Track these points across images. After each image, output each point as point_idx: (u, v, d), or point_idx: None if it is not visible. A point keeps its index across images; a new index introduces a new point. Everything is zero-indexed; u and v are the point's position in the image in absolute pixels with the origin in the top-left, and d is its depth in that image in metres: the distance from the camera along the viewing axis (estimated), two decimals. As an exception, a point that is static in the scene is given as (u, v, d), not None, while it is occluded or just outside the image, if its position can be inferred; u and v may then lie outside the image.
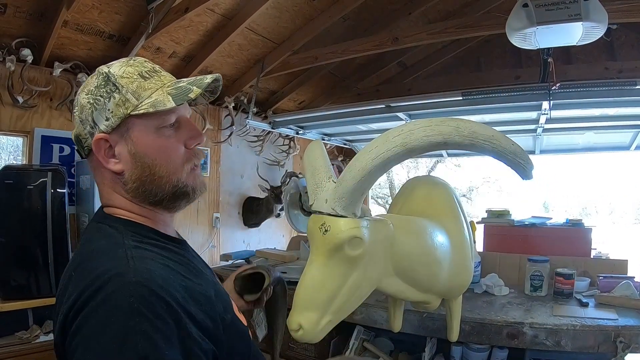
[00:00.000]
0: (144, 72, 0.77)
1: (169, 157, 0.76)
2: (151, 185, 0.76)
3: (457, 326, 1.41)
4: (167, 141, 0.76)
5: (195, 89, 0.76)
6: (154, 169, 0.75)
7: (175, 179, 0.77)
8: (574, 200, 15.63)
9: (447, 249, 1.11)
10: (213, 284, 0.79)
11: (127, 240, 0.70)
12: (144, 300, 0.60)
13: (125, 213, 0.77)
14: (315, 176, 0.93)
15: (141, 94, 0.74)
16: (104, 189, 0.79)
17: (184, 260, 0.77)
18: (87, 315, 0.59)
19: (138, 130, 0.74)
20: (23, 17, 2.33)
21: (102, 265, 0.65)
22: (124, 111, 0.73)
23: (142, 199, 0.77)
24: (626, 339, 1.39)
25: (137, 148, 0.74)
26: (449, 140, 0.76)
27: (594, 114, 2.67)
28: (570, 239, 2.25)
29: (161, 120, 0.75)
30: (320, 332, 0.87)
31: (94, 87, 0.75)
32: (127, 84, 0.74)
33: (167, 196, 0.77)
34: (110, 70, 0.75)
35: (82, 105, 0.76)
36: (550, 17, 1.69)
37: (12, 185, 1.99)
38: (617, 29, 2.88)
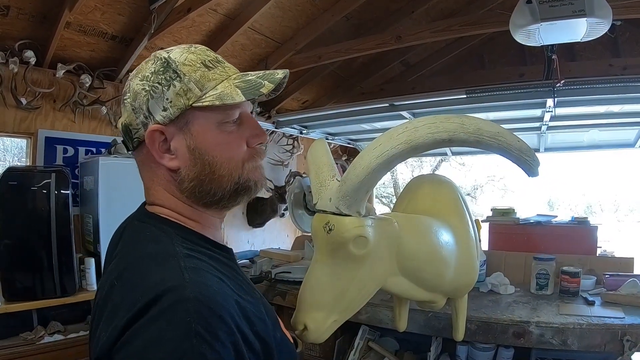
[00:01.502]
0: (207, 61, 0.70)
1: (231, 155, 0.70)
2: (210, 185, 0.69)
3: (463, 325, 1.40)
4: (228, 137, 0.70)
5: (267, 84, 0.70)
6: (214, 167, 0.68)
7: (236, 176, 0.71)
8: (579, 198, 15.56)
9: (453, 247, 1.10)
10: (261, 298, 0.72)
11: (178, 247, 0.63)
12: (202, 320, 0.53)
13: (173, 214, 0.70)
14: (319, 175, 0.92)
15: (205, 85, 0.67)
16: (153, 186, 0.72)
17: (233, 272, 0.70)
18: (137, 331, 0.53)
19: (199, 123, 0.67)
20: (26, 19, 2.33)
21: (154, 276, 0.58)
22: (185, 102, 0.66)
23: (197, 199, 0.70)
24: (633, 337, 1.38)
25: (197, 143, 0.67)
26: (454, 137, 0.75)
27: (598, 111, 2.66)
28: (575, 237, 2.24)
29: (225, 114, 0.69)
30: (325, 332, 0.86)
31: (151, 73, 0.67)
32: (189, 72, 0.67)
33: (227, 195, 0.71)
34: (171, 56, 0.68)
35: (136, 92, 0.68)
36: (554, 14, 1.68)
37: (16, 187, 2.00)
38: (622, 25, 2.85)
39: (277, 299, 1.92)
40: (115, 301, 0.58)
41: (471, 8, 3.40)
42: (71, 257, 2.13)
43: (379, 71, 4.21)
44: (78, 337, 2.10)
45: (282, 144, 4.37)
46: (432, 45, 3.91)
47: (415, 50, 3.94)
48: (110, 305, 0.58)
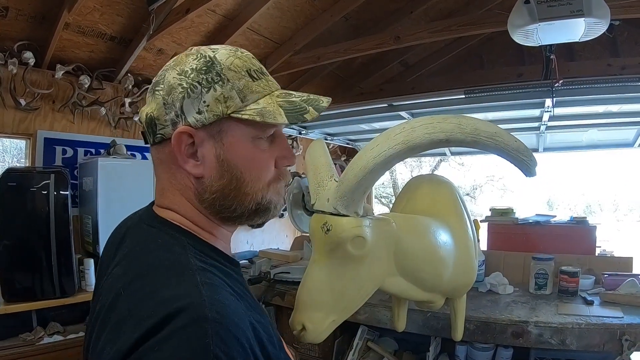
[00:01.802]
0: (252, 71, 0.66)
1: (259, 173, 0.67)
2: (233, 201, 0.66)
3: (462, 325, 1.40)
4: (260, 154, 0.67)
5: (312, 111, 0.66)
6: (241, 183, 0.65)
7: (260, 196, 0.67)
8: (578, 198, 15.57)
9: (451, 247, 1.11)
10: (267, 317, 0.67)
11: (192, 259, 0.59)
12: (222, 343, 0.49)
13: (186, 222, 0.66)
14: (317, 175, 0.92)
15: (247, 96, 0.63)
16: (169, 189, 0.67)
17: (243, 289, 0.66)
18: (148, 351, 0.48)
19: (233, 135, 0.64)
20: (25, 20, 2.34)
21: (168, 289, 0.53)
22: (224, 109, 0.62)
23: (215, 212, 0.67)
24: (632, 337, 1.38)
25: (227, 155, 0.63)
26: (451, 138, 0.75)
27: (597, 111, 2.66)
28: (574, 237, 2.24)
29: (260, 131, 0.66)
30: (324, 332, 0.86)
31: (191, 70, 0.63)
32: (233, 78, 0.63)
33: (246, 214, 0.68)
34: (217, 57, 0.64)
35: (172, 86, 0.63)
36: (552, 14, 1.68)
37: (15, 188, 2.00)
38: (620, 25, 2.85)
39: (276, 299, 1.92)
40: (122, 313, 0.54)
41: (470, 8, 3.41)
42: (70, 258, 2.14)
43: (378, 71, 4.21)
44: (77, 337, 2.10)
45: (282, 144, 4.36)
46: (431, 45, 3.91)
47: (414, 50, 3.94)
48: (116, 316, 0.54)
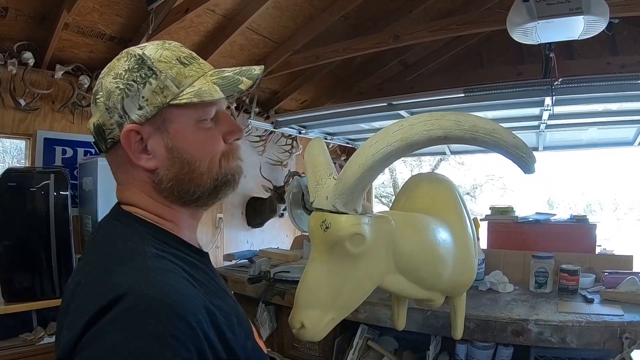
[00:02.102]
0: (182, 58, 0.68)
1: (209, 153, 0.69)
2: (189, 185, 0.68)
3: (462, 324, 1.41)
4: (207, 135, 0.69)
5: (246, 80, 0.68)
6: (193, 166, 0.67)
7: (215, 173, 0.69)
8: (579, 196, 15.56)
9: (450, 246, 1.11)
10: (234, 306, 0.69)
11: (148, 247, 0.61)
12: (166, 322, 0.51)
13: (148, 215, 0.68)
14: (315, 173, 0.92)
15: (182, 82, 0.65)
16: (128, 187, 0.69)
17: (207, 277, 0.67)
18: (96, 334, 0.50)
19: (177, 122, 0.66)
20: (24, 21, 2.34)
21: (118, 276, 0.55)
22: (162, 100, 0.64)
23: (176, 199, 0.69)
24: (632, 335, 1.38)
25: (175, 142, 0.66)
26: (450, 135, 0.75)
27: (597, 110, 2.66)
28: (574, 235, 2.23)
29: (202, 112, 0.67)
30: (323, 330, 0.86)
31: (124, 71, 0.65)
32: (165, 69, 0.65)
33: (207, 193, 0.70)
34: (145, 53, 0.66)
35: (110, 91, 0.65)
36: (551, 12, 1.68)
37: (15, 188, 2.00)
38: (619, 24, 2.85)
39: (276, 298, 1.93)
40: (79, 301, 0.56)
41: (469, 7, 3.40)
42: (70, 257, 2.14)
43: (377, 71, 4.21)
44: (77, 337, 2.10)
45: (281, 144, 4.37)
46: (430, 44, 3.91)
47: (414, 49, 3.94)
48: (74, 304, 0.57)
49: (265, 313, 2.01)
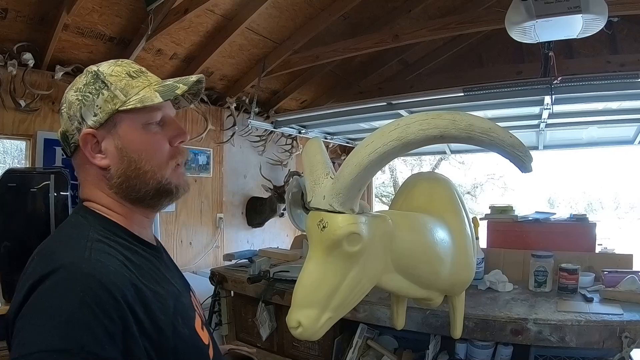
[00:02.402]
0: (131, 72, 0.79)
1: (155, 153, 0.78)
2: (135, 181, 0.77)
3: (461, 323, 1.40)
4: (153, 137, 0.78)
5: (182, 86, 0.79)
6: (140, 164, 0.76)
7: (159, 176, 0.79)
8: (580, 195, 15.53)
9: (449, 245, 1.11)
10: (176, 295, 0.78)
11: (92, 233, 0.71)
12: (93, 294, 0.60)
13: (102, 209, 0.78)
14: (313, 173, 0.92)
15: (129, 91, 0.76)
16: (87, 185, 0.80)
17: (149, 265, 0.77)
18: (33, 299, 0.60)
19: (125, 125, 0.76)
20: (24, 22, 2.34)
21: (60, 254, 0.66)
22: (112, 107, 0.75)
23: (125, 195, 0.78)
24: (631, 334, 1.38)
25: (123, 143, 0.76)
26: (446, 134, 0.75)
27: (597, 108, 2.66)
28: (574, 234, 2.23)
29: (148, 116, 0.78)
30: (320, 330, 0.86)
31: (83, 85, 0.77)
32: (115, 81, 0.76)
33: (151, 192, 0.79)
34: (99, 69, 0.78)
35: (70, 102, 0.77)
36: (550, 10, 1.68)
37: (15, 189, 2.00)
38: (619, 22, 2.85)
39: (275, 297, 1.93)
40: (29, 272, 0.66)
41: (468, 6, 3.41)
42: (70, 258, 2.14)
43: (377, 70, 4.22)
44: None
45: (281, 143, 4.38)
46: (429, 43, 3.91)
47: (413, 49, 3.94)
48: (25, 275, 0.66)
49: (265, 312, 2.02)
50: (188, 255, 3.47)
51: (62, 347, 0.56)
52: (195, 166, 3.55)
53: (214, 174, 3.72)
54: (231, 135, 3.77)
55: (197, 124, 3.52)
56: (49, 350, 0.56)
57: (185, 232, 3.46)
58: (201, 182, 3.61)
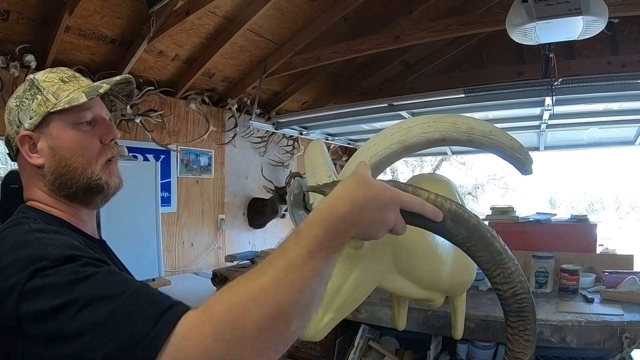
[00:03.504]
0: (64, 77, 0.85)
1: (84, 150, 0.83)
2: (66, 177, 0.82)
3: (462, 324, 1.41)
4: (82, 135, 0.84)
5: (105, 86, 0.84)
6: (70, 161, 0.82)
7: (89, 172, 0.83)
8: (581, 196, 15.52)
9: (449, 246, 1.10)
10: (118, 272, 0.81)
11: (31, 224, 0.74)
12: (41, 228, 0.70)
13: (43, 206, 0.83)
14: (315, 175, 0.93)
15: (60, 95, 0.82)
16: (28, 184, 0.85)
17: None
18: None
19: (57, 126, 0.82)
20: (26, 24, 2.35)
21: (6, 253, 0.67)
22: (45, 109, 0.81)
23: (59, 191, 0.83)
24: (632, 334, 1.38)
25: (55, 142, 0.81)
26: (447, 137, 0.76)
27: (597, 109, 2.66)
28: (575, 235, 2.23)
29: (77, 117, 0.83)
30: (322, 330, 0.87)
31: (22, 92, 0.84)
32: (48, 86, 0.83)
33: (82, 188, 0.83)
34: (35, 77, 0.85)
35: (10, 108, 0.84)
36: (550, 12, 1.68)
37: (17, 190, 1.99)
38: (620, 23, 2.86)
39: (277, 299, 1.93)
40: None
41: (469, 7, 3.40)
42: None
43: (378, 71, 4.22)
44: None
45: (282, 145, 4.38)
46: (430, 44, 3.91)
47: (414, 50, 3.95)
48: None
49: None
50: (190, 256, 3.48)
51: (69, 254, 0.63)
52: (196, 167, 3.56)
53: (216, 175, 3.72)
54: (233, 137, 3.78)
55: (199, 126, 3.53)
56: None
57: (187, 233, 3.47)
58: (203, 183, 3.61)
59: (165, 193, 3.26)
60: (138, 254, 2.61)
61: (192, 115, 3.48)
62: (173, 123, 3.35)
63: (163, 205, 3.10)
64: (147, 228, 2.71)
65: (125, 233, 2.48)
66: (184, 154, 3.44)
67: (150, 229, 2.73)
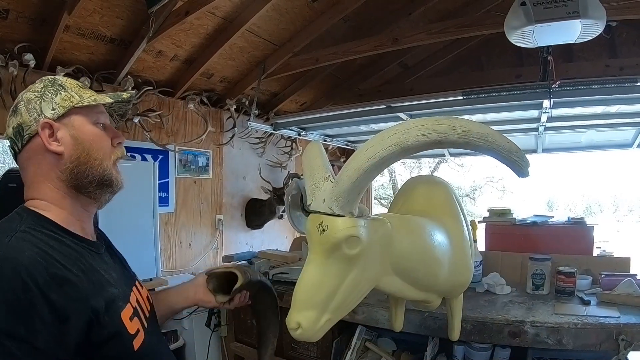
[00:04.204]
0: (80, 85, 0.94)
1: (102, 144, 0.92)
2: (86, 166, 0.88)
3: (458, 325, 1.41)
4: (100, 132, 0.93)
5: (126, 94, 0.96)
6: (91, 152, 0.89)
7: (105, 164, 0.91)
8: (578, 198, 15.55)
9: (447, 247, 1.11)
10: (103, 285, 0.84)
11: (22, 226, 0.79)
12: (1, 273, 0.69)
13: (42, 205, 0.86)
14: (313, 176, 0.93)
15: (83, 95, 0.91)
16: (35, 179, 0.88)
17: (77, 255, 0.82)
18: None
19: (79, 119, 0.89)
20: (25, 22, 2.35)
21: None
22: (69, 103, 0.88)
23: (73, 180, 0.87)
24: (628, 336, 1.39)
25: (78, 133, 0.88)
26: (444, 139, 0.76)
27: (595, 112, 2.67)
28: (572, 237, 2.24)
29: (96, 116, 0.92)
30: (319, 331, 0.87)
31: (41, 88, 0.89)
32: (70, 86, 0.91)
33: (96, 179, 0.90)
34: (55, 78, 0.92)
35: (30, 99, 0.88)
36: (548, 15, 1.69)
37: (15, 189, 1.99)
38: (618, 26, 2.87)
39: (275, 299, 1.93)
40: None
41: (468, 10, 3.41)
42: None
43: (376, 73, 4.23)
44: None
45: (281, 145, 4.38)
46: (430, 46, 3.92)
47: (413, 52, 3.95)
48: None
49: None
50: (187, 257, 3.48)
51: None
52: (194, 168, 3.55)
53: (214, 175, 3.72)
54: (231, 137, 3.78)
55: (197, 126, 3.53)
56: None
57: (185, 233, 3.46)
58: (201, 184, 3.61)
59: (163, 193, 3.25)
60: (135, 254, 2.58)
61: (191, 115, 3.48)
62: (171, 123, 3.34)
63: (161, 205, 3.09)
64: (144, 228, 2.71)
65: (123, 233, 2.47)
66: (182, 154, 3.44)
67: (148, 229, 2.73)
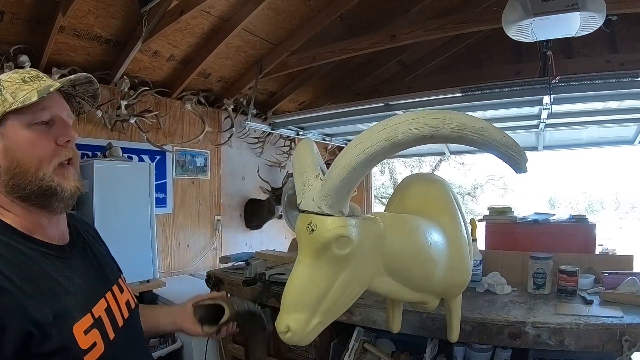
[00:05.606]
0: (26, 77, 0.83)
1: (35, 150, 0.81)
2: (19, 178, 0.80)
3: (457, 326, 1.38)
4: (35, 135, 0.81)
5: (57, 84, 0.83)
6: (21, 162, 0.80)
7: (41, 174, 0.81)
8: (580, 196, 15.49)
9: (443, 247, 1.08)
10: (55, 294, 0.78)
11: None
12: None
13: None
14: (302, 175, 0.90)
15: (17, 94, 0.80)
16: None
17: (27, 262, 0.77)
18: None
19: (12, 126, 0.80)
20: (20, 24, 2.34)
21: None
22: (2, 109, 0.79)
23: (13, 192, 0.81)
24: (632, 337, 1.35)
25: (9, 142, 0.80)
26: (436, 133, 0.73)
27: (596, 108, 2.64)
28: (573, 236, 2.21)
29: (32, 117, 0.81)
30: (310, 334, 0.84)
31: None
32: (8, 86, 0.81)
33: (34, 190, 0.81)
34: (0, 77, 0.84)
35: None
36: (547, 8, 1.66)
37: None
38: (618, 21, 2.83)
39: (271, 300, 1.90)
40: None
41: (465, 6, 3.39)
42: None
43: (374, 71, 4.20)
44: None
45: (279, 145, 4.36)
46: (427, 44, 3.90)
47: (411, 49, 3.93)
48: None
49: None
50: (186, 258, 3.46)
51: None
52: (192, 168, 3.53)
53: (212, 176, 3.70)
54: (229, 137, 3.76)
55: (195, 126, 3.51)
56: None
57: (183, 234, 3.44)
58: (199, 184, 3.59)
59: (160, 194, 3.23)
60: (132, 256, 2.59)
61: (188, 115, 3.45)
62: (168, 124, 3.33)
63: (159, 206, 3.07)
64: (141, 229, 2.69)
65: (120, 234, 2.46)
66: (180, 155, 3.42)
67: (145, 230, 2.71)
